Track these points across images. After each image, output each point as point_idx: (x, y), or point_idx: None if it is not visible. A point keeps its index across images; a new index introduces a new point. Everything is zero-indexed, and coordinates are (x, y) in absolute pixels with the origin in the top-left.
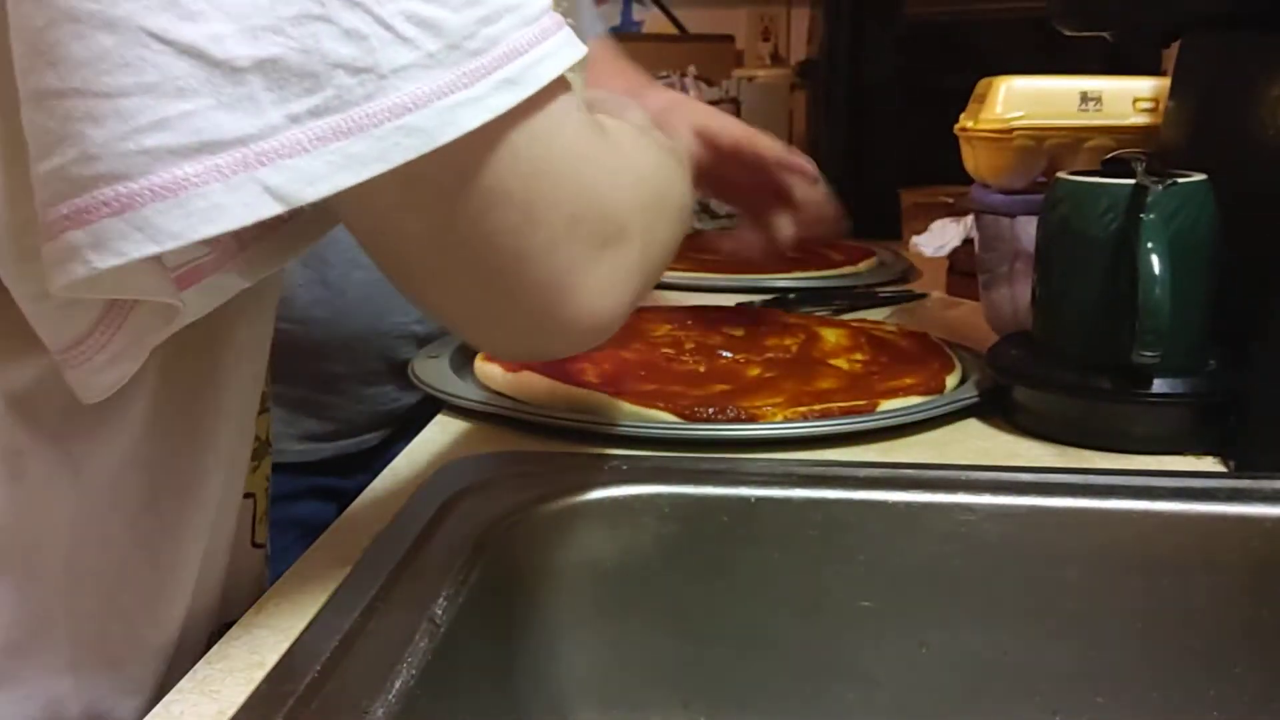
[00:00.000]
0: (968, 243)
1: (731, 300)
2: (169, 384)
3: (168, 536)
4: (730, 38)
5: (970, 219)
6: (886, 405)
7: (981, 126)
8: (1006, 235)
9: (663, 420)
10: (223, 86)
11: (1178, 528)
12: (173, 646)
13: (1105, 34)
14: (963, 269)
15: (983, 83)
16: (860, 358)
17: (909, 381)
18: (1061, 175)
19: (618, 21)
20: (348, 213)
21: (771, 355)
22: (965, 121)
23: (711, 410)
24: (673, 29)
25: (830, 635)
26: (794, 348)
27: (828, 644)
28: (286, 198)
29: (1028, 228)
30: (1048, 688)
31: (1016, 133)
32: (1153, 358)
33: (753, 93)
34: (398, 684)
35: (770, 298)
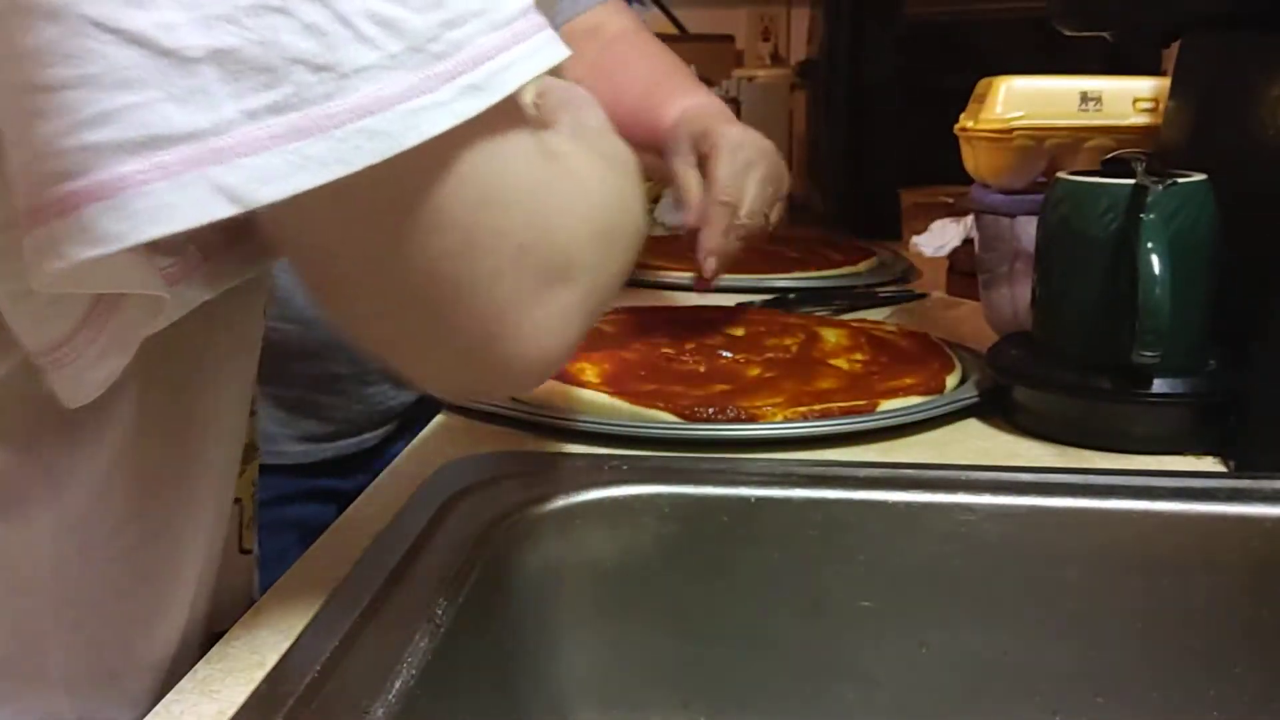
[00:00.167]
0: (968, 243)
1: (731, 300)
2: (151, 391)
3: (158, 549)
4: (730, 38)
5: (970, 219)
6: (886, 405)
7: (981, 126)
8: (1006, 235)
9: (663, 420)
10: (173, 78)
11: (1178, 528)
12: (170, 659)
13: (1105, 34)
14: (963, 269)
15: (983, 83)
16: (860, 358)
17: (909, 381)
18: (1061, 175)
19: None
20: (285, 227)
21: (771, 355)
22: (965, 121)
23: (711, 410)
24: (673, 29)
25: (830, 635)
26: (794, 348)
27: (828, 644)
28: (241, 198)
29: (1028, 228)
30: (1048, 688)
31: (1016, 133)
32: (1153, 358)
33: (753, 93)
34: (398, 684)
35: (770, 298)
